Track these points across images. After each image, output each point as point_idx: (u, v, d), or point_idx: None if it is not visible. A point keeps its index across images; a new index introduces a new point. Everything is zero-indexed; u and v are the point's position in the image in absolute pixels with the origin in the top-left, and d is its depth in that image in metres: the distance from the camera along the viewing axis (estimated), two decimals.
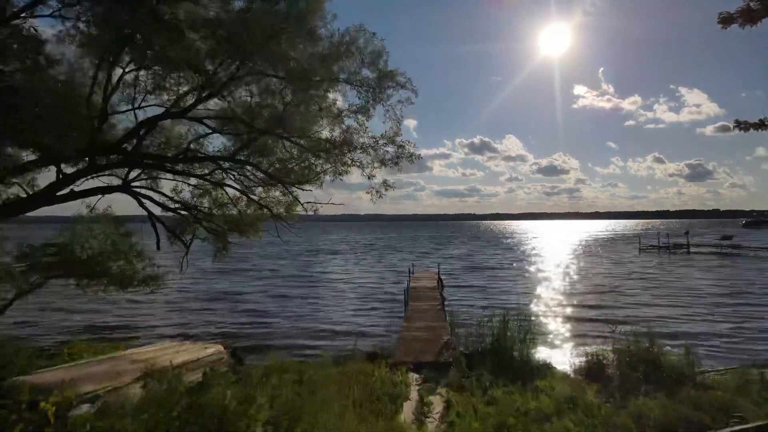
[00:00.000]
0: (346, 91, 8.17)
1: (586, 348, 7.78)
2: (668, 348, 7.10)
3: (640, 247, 46.27)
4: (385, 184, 8.22)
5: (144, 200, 9.32)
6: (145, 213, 10.76)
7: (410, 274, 20.58)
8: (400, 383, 5.85)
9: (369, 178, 8.08)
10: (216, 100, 8.65)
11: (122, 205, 11.16)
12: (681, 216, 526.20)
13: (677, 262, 33.53)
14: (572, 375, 6.65)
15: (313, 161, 9.13)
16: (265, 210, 10.65)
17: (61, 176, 7.82)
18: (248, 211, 11.37)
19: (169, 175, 10.09)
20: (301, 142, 7.78)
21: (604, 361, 6.48)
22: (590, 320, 14.81)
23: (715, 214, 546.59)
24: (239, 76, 7.22)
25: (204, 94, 7.19)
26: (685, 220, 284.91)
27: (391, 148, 7.78)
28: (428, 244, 68.11)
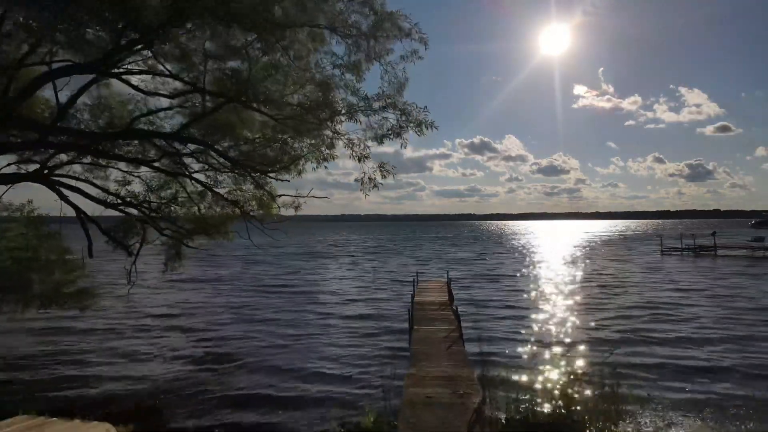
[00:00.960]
0: (331, 48, 6.10)
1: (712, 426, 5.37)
2: None
3: (662, 249, 43.87)
4: (382, 169, 5.96)
5: (70, 192, 7.24)
6: (99, 210, 8.74)
7: (414, 285, 17.20)
8: None
9: (359, 160, 5.89)
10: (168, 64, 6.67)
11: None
12: (681, 216, 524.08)
13: (716, 268, 30.58)
14: None
15: (290, 143, 7.07)
16: (235, 209, 8.50)
17: None
18: (217, 210, 9.30)
19: (111, 163, 8.08)
20: (264, 109, 5.63)
21: None
22: (680, 372, 10.04)
23: (715, 214, 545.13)
24: (181, 18, 5.16)
25: (131, 38, 5.13)
26: (686, 220, 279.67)
27: (391, 115, 5.55)
28: (431, 246, 65.33)
